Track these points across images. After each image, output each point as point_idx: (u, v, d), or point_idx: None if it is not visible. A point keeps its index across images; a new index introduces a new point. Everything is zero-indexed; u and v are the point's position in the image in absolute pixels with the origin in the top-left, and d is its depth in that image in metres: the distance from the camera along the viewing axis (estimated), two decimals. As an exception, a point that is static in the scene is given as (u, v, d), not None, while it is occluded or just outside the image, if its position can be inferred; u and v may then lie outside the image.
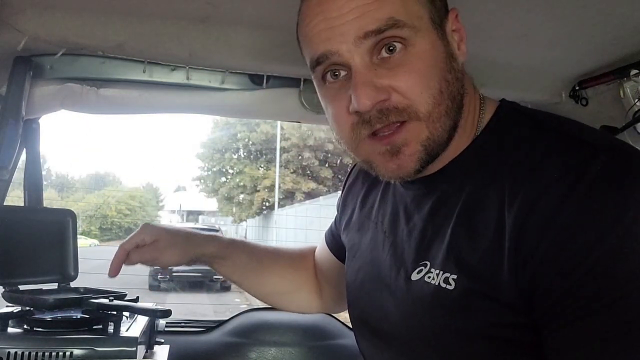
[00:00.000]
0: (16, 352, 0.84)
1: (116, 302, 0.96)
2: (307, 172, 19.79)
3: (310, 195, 18.10)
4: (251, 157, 21.96)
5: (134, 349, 0.88)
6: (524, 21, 0.93)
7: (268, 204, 19.95)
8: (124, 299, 1.02)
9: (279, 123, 17.23)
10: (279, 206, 18.59)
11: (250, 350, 1.42)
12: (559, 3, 0.86)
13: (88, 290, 1.09)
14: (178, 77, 1.12)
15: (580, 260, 0.51)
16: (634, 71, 1.04)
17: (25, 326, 0.92)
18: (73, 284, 1.11)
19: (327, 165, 19.50)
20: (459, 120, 0.63)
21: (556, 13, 0.90)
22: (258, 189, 20.20)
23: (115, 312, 0.95)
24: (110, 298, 0.97)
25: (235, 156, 22.35)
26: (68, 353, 0.85)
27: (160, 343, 1.10)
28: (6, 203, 1.05)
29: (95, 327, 0.94)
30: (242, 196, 21.63)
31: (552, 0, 0.85)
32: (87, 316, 0.96)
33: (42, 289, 1.06)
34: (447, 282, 0.60)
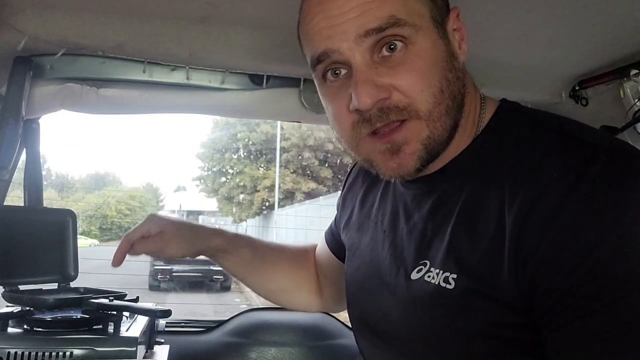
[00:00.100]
0: (16, 352, 0.84)
1: (116, 302, 0.97)
2: (307, 172, 19.79)
3: (310, 195, 18.10)
4: (251, 157, 21.96)
5: (134, 349, 0.88)
6: (524, 21, 0.93)
7: (268, 204, 19.95)
8: (124, 299, 1.02)
9: (279, 123, 17.24)
10: (279, 206, 18.59)
11: (250, 350, 1.42)
12: (559, 3, 0.86)
13: (88, 290, 1.09)
14: (178, 77, 1.12)
15: (580, 260, 0.51)
16: (634, 71, 1.04)
17: (25, 326, 0.92)
18: (73, 284, 1.11)
19: (327, 165, 19.50)
20: (460, 119, 0.63)
21: (556, 13, 0.90)
22: (258, 189, 20.20)
23: (115, 312, 0.96)
24: (110, 298, 0.97)
25: (235, 156, 22.35)
26: (68, 353, 0.85)
27: (160, 343, 1.10)
28: (6, 203, 1.05)
29: (95, 327, 0.94)
30: (242, 196, 21.63)
31: (552, 0, 0.85)
32: (87, 316, 0.96)
33: (42, 289, 1.06)
34: (447, 282, 0.60)
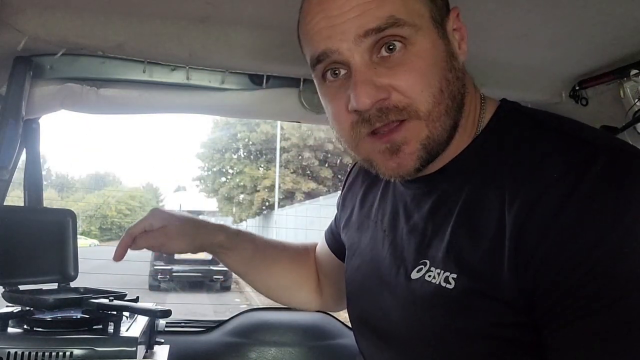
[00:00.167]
0: (16, 352, 0.84)
1: (116, 302, 0.96)
2: (307, 172, 19.79)
3: (310, 195, 18.09)
4: (251, 157, 21.96)
5: (134, 349, 0.88)
6: (524, 21, 0.93)
7: (268, 204, 19.95)
8: (124, 299, 1.02)
9: (279, 123, 17.24)
10: (279, 206, 18.59)
11: (250, 350, 1.42)
12: (559, 3, 0.86)
13: (88, 290, 1.09)
14: (178, 77, 1.12)
15: (580, 260, 0.51)
16: (634, 71, 1.04)
17: (25, 326, 0.92)
18: (73, 284, 1.11)
19: (327, 165, 19.50)
20: (460, 119, 0.63)
21: (556, 13, 0.90)
22: (258, 189, 20.20)
23: (115, 312, 0.95)
24: (110, 298, 0.97)
25: (235, 156, 22.35)
26: (68, 353, 0.85)
27: (160, 343, 1.10)
28: (6, 203, 1.05)
29: (95, 327, 0.94)
30: (242, 196, 21.63)
31: (552, 0, 0.85)
32: (87, 316, 0.96)
33: (42, 289, 1.06)
34: (448, 281, 0.60)
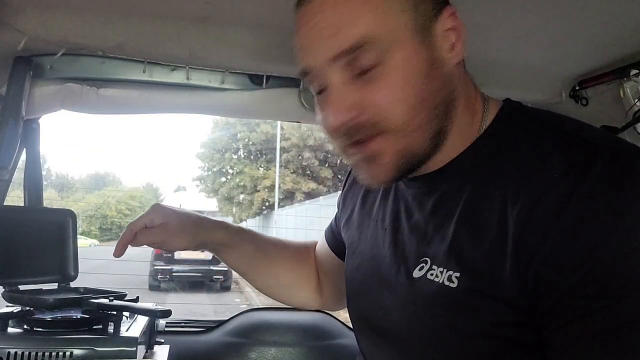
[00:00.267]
0: (16, 352, 0.84)
1: (116, 302, 0.96)
2: (307, 172, 19.79)
3: (310, 195, 18.10)
4: (251, 157, 21.96)
5: (134, 349, 0.88)
6: (524, 21, 0.93)
7: (268, 204, 19.95)
8: (124, 299, 1.02)
9: (279, 123, 17.24)
10: (279, 206, 18.59)
11: (250, 350, 1.42)
12: (559, 3, 0.86)
13: (88, 290, 1.09)
14: (178, 77, 1.12)
15: (581, 260, 0.51)
16: (634, 71, 1.04)
17: (25, 326, 0.92)
18: (73, 284, 1.11)
19: (327, 165, 19.50)
20: (447, 125, 0.63)
21: (556, 13, 0.90)
22: (258, 189, 20.21)
23: (115, 312, 0.95)
24: (110, 298, 0.97)
25: (235, 156, 22.36)
26: (68, 353, 0.85)
27: (160, 343, 1.10)
28: (6, 203, 1.05)
29: (95, 327, 0.94)
30: (242, 196, 21.63)
31: (552, 0, 0.85)
32: (87, 316, 0.96)
33: (42, 289, 1.06)
34: (451, 280, 0.60)
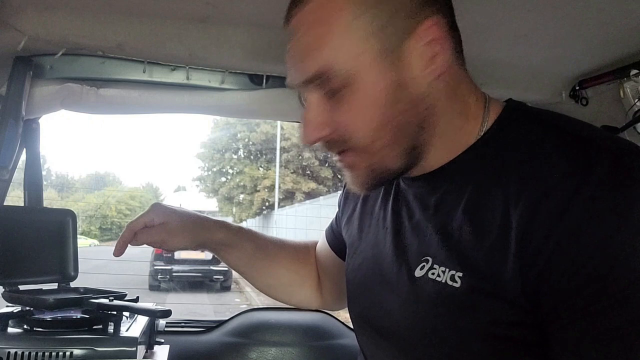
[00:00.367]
0: (16, 352, 0.84)
1: (116, 302, 0.97)
2: (307, 172, 19.80)
3: (310, 195, 18.10)
4: (251, 157, 21.97)
5: (134, 349, 0.88)
6: (524, 21, 0.93)
7: (268, 204, 19.95)
8: (124, 299, 1.02)
9: (279, 123, 17.25)
10: (279, 206, 18.59)
11: (250, 350, 1.42)
12: (559, 3, 0.86)
13: (88, 290, 1.09)
14: (178, 77, 1.12)
15: (584, 260, 0.51)
16: (634, 71, 1.04)
17: (25, 326, 0.92)
18: (73, 284, 1.11)
19: (327, 165, 19.49)
20: (425, 138, 0.64)
21: (556, 13, 0.90)
22: (258, 189, 20.21)
23: (115, 312, 0.96)
24: (110, 298, 0.98)
25: (235, 156, 22.36)
26: (68, 353, 0.85)
27: (160, 343, 1.10)
28: (6, 203, 1.05)
29: (95, 327, 0.94)
30: (242, 196, 21.64)
31: (552, 0, 0.85)
32: (87, 316, 0.96)
33: (42, 289, 1.06)
34: (454, 280, 0.60)
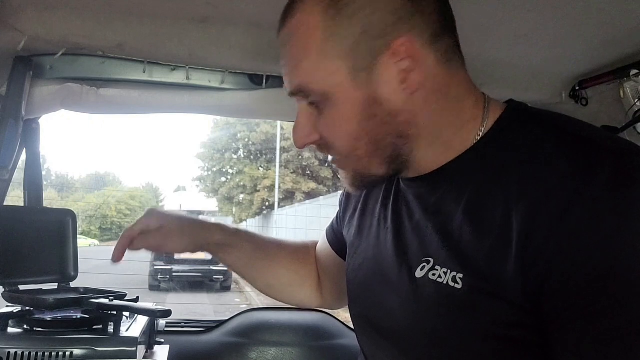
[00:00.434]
0: (16, 352, 0.84)
1: (116, 302, 0.97)
2: (307, 172, 19.80)
3: (310, 195, 18.11)
4: (251, 157, 21.97)
5: (134, 349, 0.88)
6: (524, 21, 0.93)
7: (268, 204, 19.96)
8: (124, 299, 1.02)
9: (279, 123, 17.24)
10: (279, 206, 18.59)
11: (250, 350, 1.42)
12: (559, 3, 0.86)
13: (88, 290, 1.09)
14: (178, 77, 1.12)
15: (585, 260, 0.51)
16: (634, 71, 1.04)
17: (25, 326, 0.93)
18: (73, 284, 1.11)
19: (327, 165, 19.49)
20: (408, 147, 0.65)
21: (556, 13, 0.90)
22: (258, 189, 20.21)
23: (115, 312, 0.96)
24: (110, 298, 0.98)
25: (235, 156, 22.37)
26: (68, 353, 0.86)
27: (160, 343, 1.10)
28: (6, 203, 1.05)
29: (95, 327, 0.94)
30: (242, 196, 21.64)
31: (552, 0, 0.85)
32: (87, 316, 0.96)
33: (42, 289, 1.06)
34: (455, 281, 0.60)
